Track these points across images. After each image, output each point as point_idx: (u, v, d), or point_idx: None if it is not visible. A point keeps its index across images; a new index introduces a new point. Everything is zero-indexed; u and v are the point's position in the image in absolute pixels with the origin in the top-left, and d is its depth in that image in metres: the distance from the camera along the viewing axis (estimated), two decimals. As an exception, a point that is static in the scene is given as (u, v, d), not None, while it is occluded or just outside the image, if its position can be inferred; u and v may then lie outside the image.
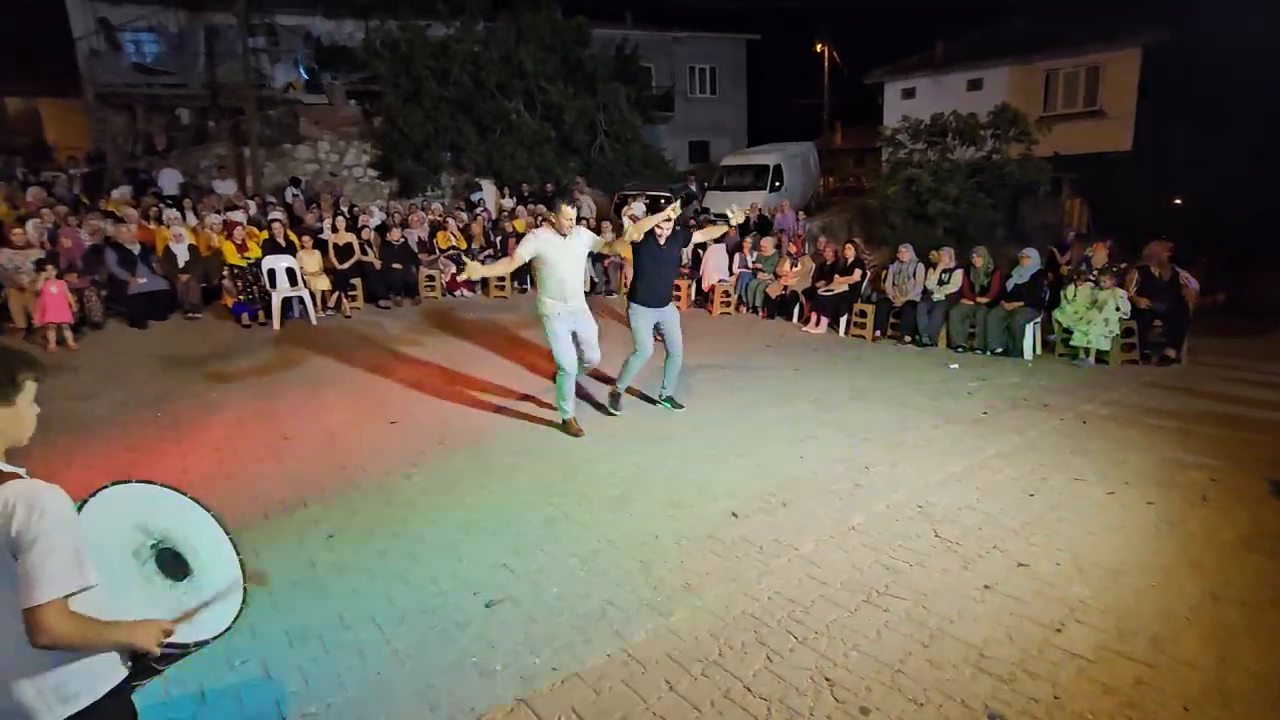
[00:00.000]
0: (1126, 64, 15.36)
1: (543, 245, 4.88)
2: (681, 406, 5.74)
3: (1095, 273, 7.21)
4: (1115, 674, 2.63)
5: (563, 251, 4.90)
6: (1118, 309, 6.96)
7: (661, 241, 5.37)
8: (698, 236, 5.85)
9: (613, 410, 5.64)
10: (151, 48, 16.45)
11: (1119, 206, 13.16)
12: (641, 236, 5.22)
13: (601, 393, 6.05)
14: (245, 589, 1.94)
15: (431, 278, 10.40)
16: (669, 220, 5.28)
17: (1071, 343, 7.16)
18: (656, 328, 5.46)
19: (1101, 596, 3.11)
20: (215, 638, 1.77)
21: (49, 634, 1.41)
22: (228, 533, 2.00)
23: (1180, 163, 13.94)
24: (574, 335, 5.08)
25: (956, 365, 7.11)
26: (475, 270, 4.75)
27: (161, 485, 1.92)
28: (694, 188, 14.92)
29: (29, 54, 18.11)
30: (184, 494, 1.96)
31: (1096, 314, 7.00)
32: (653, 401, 5.87)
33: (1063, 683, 2.60)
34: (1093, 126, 15.60)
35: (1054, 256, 8.84)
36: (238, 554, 1.99)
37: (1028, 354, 7.37)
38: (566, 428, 5.25)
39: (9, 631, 1.45)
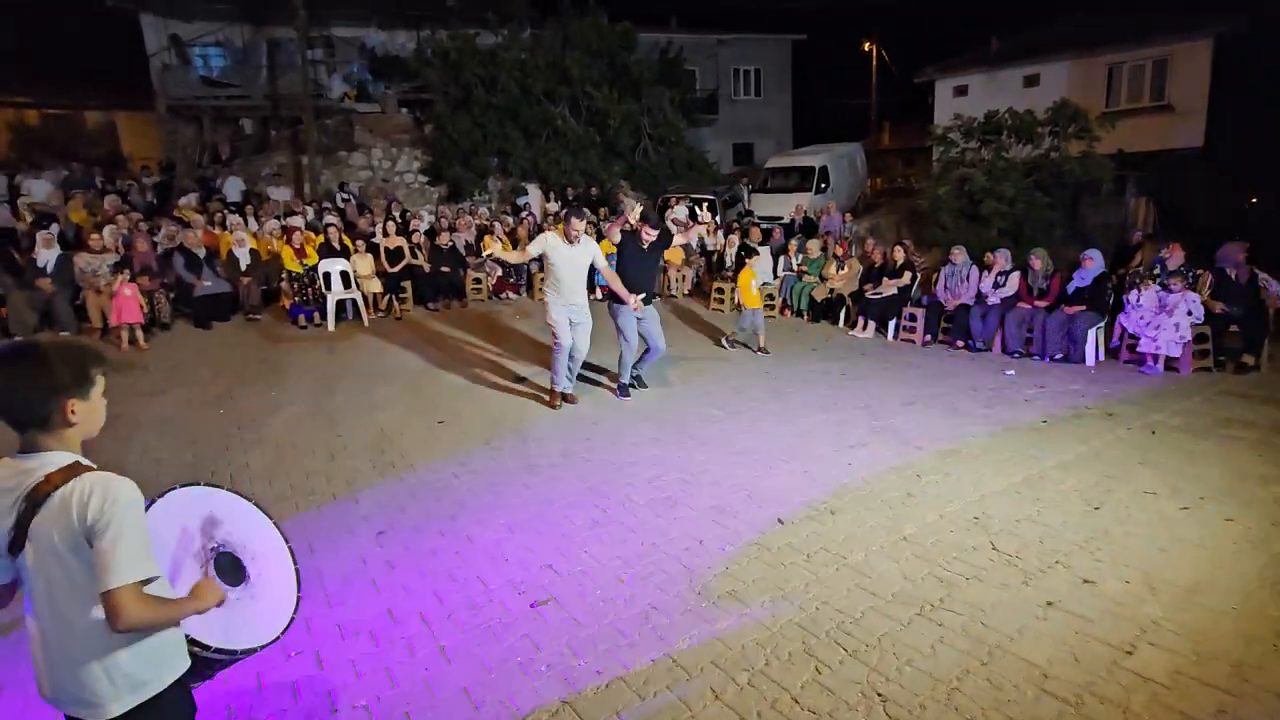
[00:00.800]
0: (1197, 55, 14.58)
1: (549, 247, 5.56)
2: (645, 386, 6.32)
3: (1166, 276, 6.85)
4: (1194, 702, 2.47)
5: (566, 256, 5.54)
6: (1189, 313, 6.59)
7: (644, 246, 5.96)
8: (679, 239, 6.58)
9: (626, 395, 6.20)
10: (218, 61, 17.21)
11: (1189, 205, 12.47)
12: (617, 238, 5.98)
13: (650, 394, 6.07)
14: (298, 600, 1.97)
15: (478, 281, 10.56)
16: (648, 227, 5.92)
17: (1138, 349, 6.82)
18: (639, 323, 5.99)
19: (1176, 618, 2.93)
20: (263, 646, 1.80)
21: (127, 617, 1.45)
22: (288, 543, 2.03)
23: (1258, 159, 13.12)
24: (570, 322, 5.75)
25: (1013, 371, 6.86)
26: (495, 247, 5.56)
27: (229, 490, 1.96)
28: (744, 190, 14.71)
29: (107, 71, 19.19)
30: (249, 500, 1.99)
31: (1166, 319, 6.64)
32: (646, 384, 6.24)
33: (1135, 709, 2.44)
34: (1160, 121, 14.86)
35: (1120, 257, 8.44)
36: (295, 565, 2.01)
37: (1090, 360, 7.04)
38: (551, 398, 5.86)
39: (83, 619, 1.50)
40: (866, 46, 27.82)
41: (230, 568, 1.84)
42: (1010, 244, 10.12)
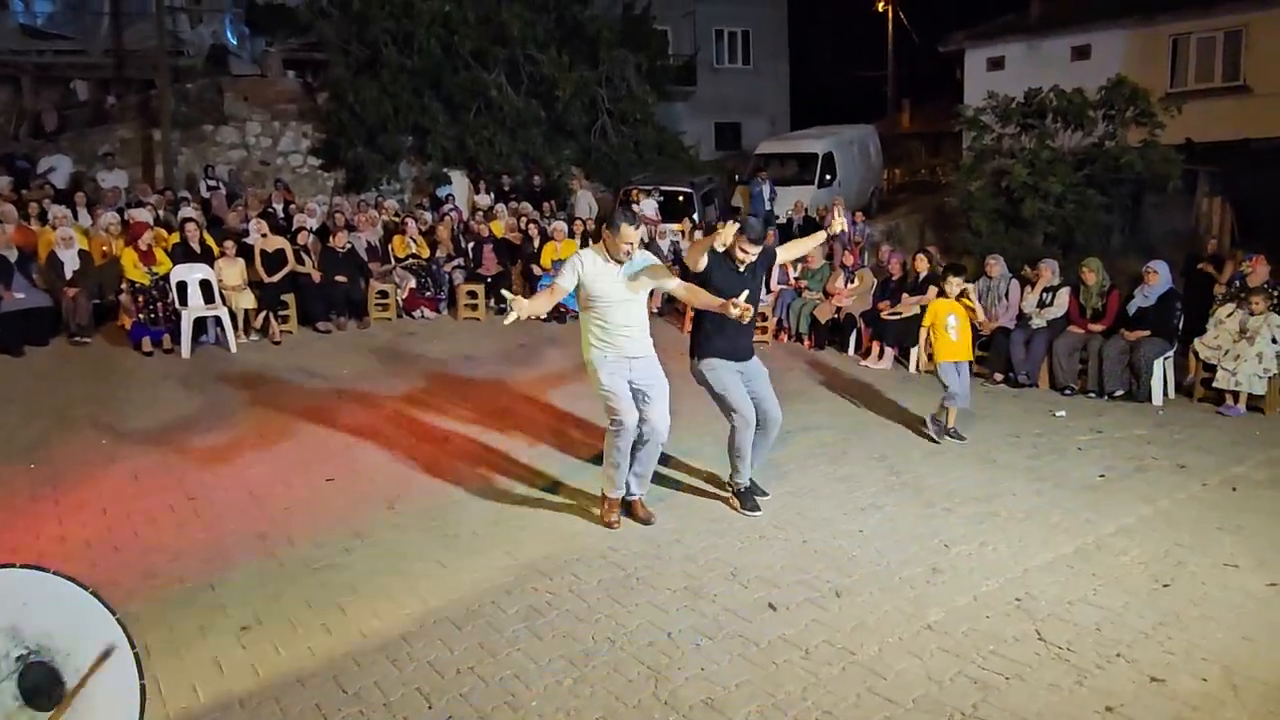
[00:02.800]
0: (1278, 26, 15.46)
1: (587, 274, 4.57)
2: (766, 494, 5.22)
3: (1247, 294, 7.16)
4: (1285, 831, 2.53)
5: (616, 283, 4.58)
6: (1274, 341, 6.90)
7: (741, 268, 4.89)
8: (784, 254, 5.52)
9: (752, 511, 5.00)
10: (44, 6, 16.97)
11: (1274, 209, 13.13)
12: (702, 265, 4.83)
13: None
14: None
15: (384, 294, 10.49)
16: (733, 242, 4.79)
17: (1215, 384, 7.09)
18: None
19: (1263, 724, 3.01)
20: None
21: None
22: (133, 645, 1.95)
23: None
24: (633, 390, 4.66)
25: (1063, 412, 7.05)
26: (522, 307, 4.37)
27: (54, 573, 1.88)
28: (768, 186, 14.70)
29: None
30: (81, 585, 1.91)
31: (1247, 347, 6.94)
32: (722, 486, 5.34)
33: (1214, 842, 2.50)
34: (1235, 105, 15.65)
35: (1193, 270, 8.78)
36: (140, 677, 1.93)
37: (1157, 398, 7.29)
38: (605, 510, 4.85)
39: None
40: (881, 6, 28.83)
41: (42, 684, 1.75)
42: (1058, 254, 10.49)
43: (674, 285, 4.76)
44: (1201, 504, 5.04)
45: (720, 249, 4.87)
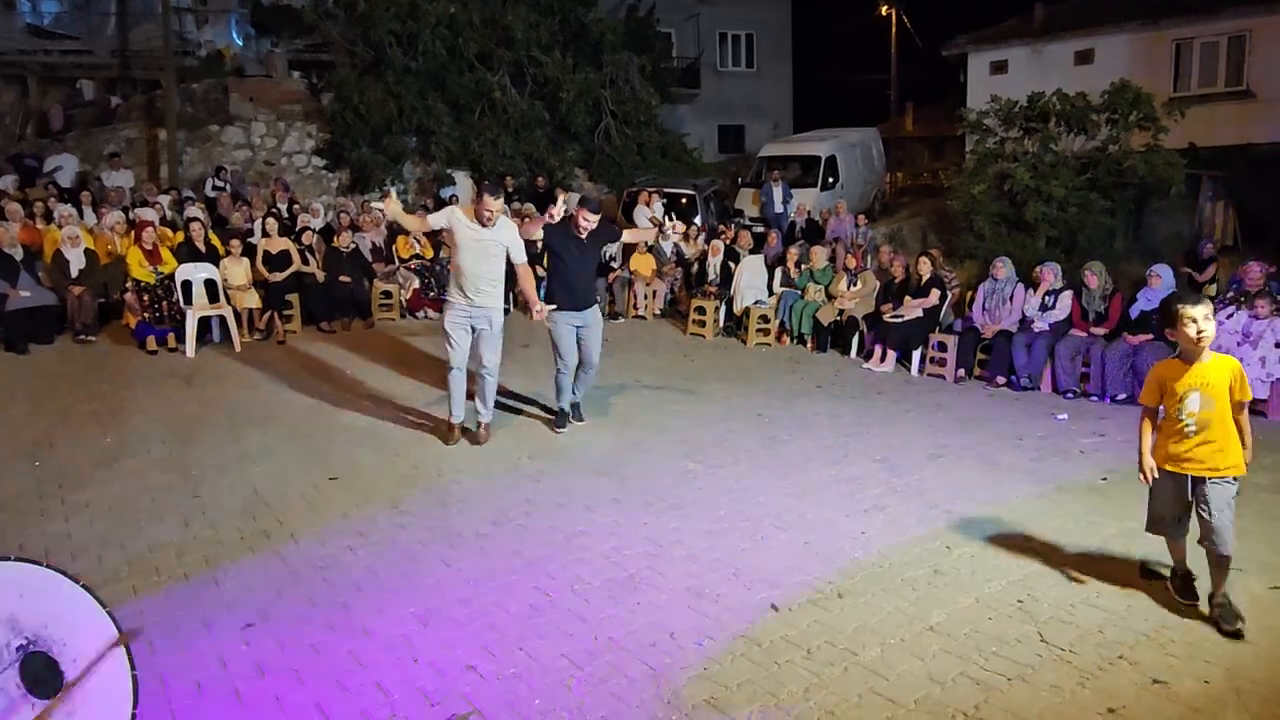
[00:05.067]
0: (1280, 31, 15.46)
1: (456, 222, 5.70)
2: (581, 420, 6.54)
3: (1251, 299, 7.16)
4: (1287, 833, 2.53)
5: (473, 238, 5.68)
6: (1277, 345, 6.89)
7: (582, 235, 6.09)
8: (627, 236, 7.21)
9: (560, 428, 6.44)
10: (51, 6, 17.04)
11: (1277, 211, 13.12)
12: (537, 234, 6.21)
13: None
14: (134, 716, 1.91)
15: (388, 294, 10.51)
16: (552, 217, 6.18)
17: (1217, 388, 7.08)
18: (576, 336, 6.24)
19: (1266, 727, 3.01)
20: None
21: None
22: (123, 633, 1.97)
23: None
24: (473, 330, 5.93)
25: (1065, 416, 7.05)
26: (395, 209, 5.66)
27: (46, 566, 1.90)
28: (779, 187, 14.44)
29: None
30: (75, 579, 1.94)
31: (1249, 351, 6.93)
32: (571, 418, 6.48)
33: (1216, 844, 2.49)
34: (1239, 111, 15.65)
35: (1190, 276, 8.79)
36: (132, 669, 1.96)
37: (1159, 402, 7.28)
38: (441, 430, 6.07)
39: None
40: (885, 10, 28.87)
41: (41, 673, 1.78)
42: (1061, 257, 10.50)
43: (520, 260, 5.96)
44: (1204, 507, 5.04)
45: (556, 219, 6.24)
